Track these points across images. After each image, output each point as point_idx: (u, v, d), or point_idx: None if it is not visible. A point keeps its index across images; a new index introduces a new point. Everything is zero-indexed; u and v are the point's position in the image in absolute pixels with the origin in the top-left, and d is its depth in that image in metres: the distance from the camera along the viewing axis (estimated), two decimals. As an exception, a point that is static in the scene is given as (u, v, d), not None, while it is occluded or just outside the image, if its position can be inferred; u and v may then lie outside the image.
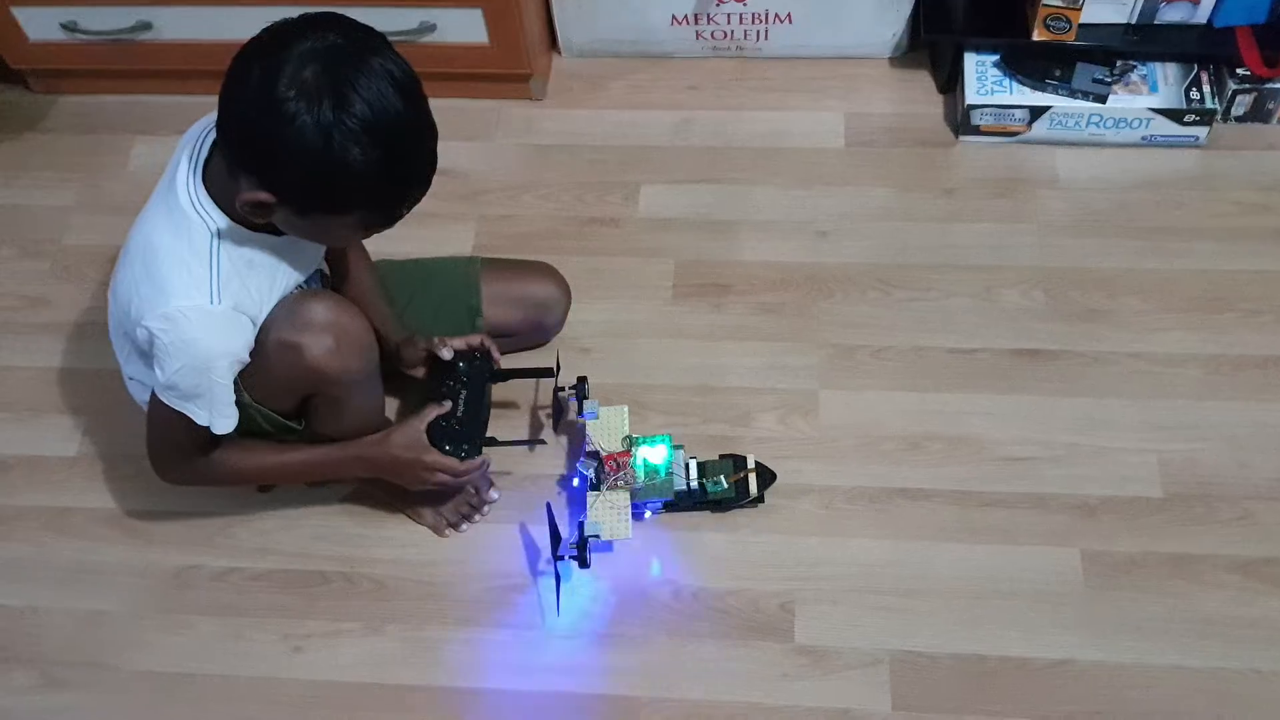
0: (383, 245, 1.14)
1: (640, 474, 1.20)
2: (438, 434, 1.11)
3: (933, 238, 1.42)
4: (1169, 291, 1.35)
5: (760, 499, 1.22)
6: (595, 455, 1.21)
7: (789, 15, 1.51)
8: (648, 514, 1.22)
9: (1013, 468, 1.24)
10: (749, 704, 1.12)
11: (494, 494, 1.24)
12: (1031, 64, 1.44)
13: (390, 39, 0.92)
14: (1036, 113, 1.43)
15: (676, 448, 1.23)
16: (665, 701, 1.13)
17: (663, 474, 1.20)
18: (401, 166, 0.91)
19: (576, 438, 1.28)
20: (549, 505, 1.14)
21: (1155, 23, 1.42)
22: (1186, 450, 1.24)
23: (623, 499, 1.19)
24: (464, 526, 1.23)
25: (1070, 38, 1.41)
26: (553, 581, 1.16)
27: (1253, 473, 1.22)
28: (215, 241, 0.97)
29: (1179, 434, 1.25)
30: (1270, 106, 1.44)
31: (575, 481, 1.23)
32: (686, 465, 1.22)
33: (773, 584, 1.18)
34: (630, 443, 1.21)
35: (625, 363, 1.34)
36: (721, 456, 1.24)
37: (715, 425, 1.29)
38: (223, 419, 1.02)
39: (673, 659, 1.15)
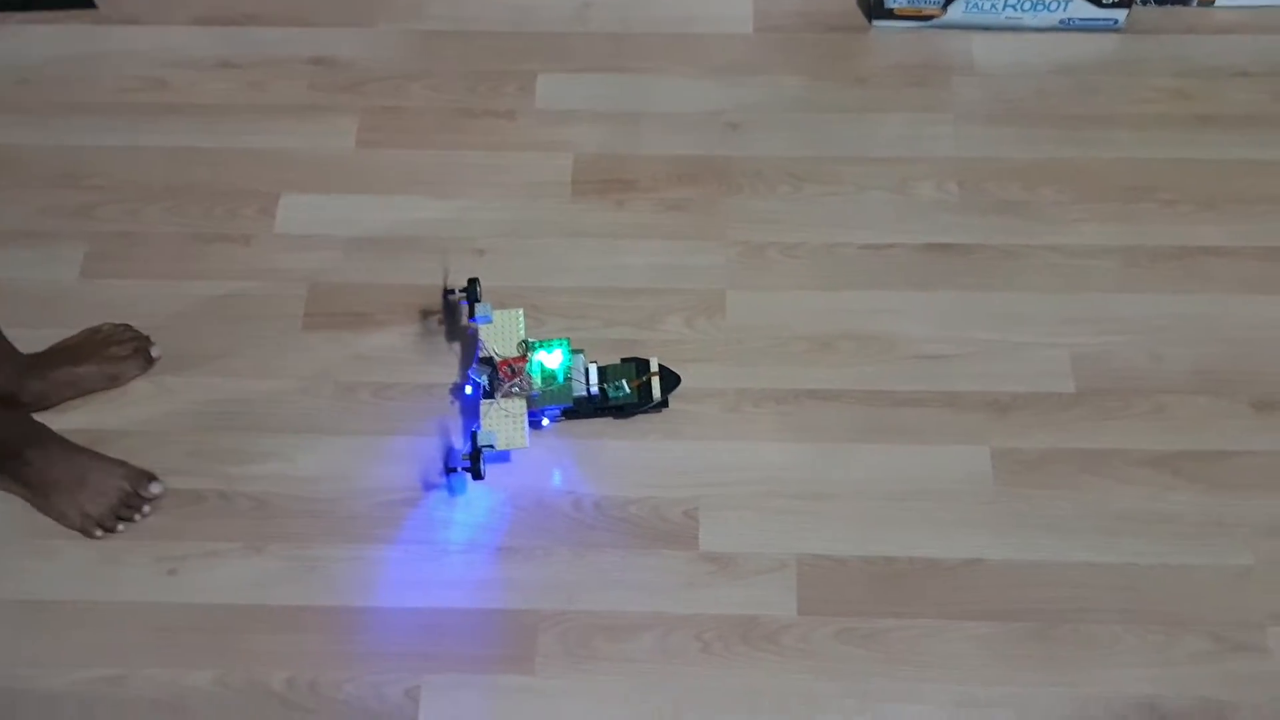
0: (257, 141, 1.04)
1: (537, 380, 1.13)
2: None
3: (845, 129, 1.35)
4: (1086, 182, 1.31)
5: (664, 403, 1.17)
6: (489, 362, 1.14)
7: (694, -109, 1.42)
8: (545, 422, 1.16)
9: (925, 366, 1.20)
10: (653, 614, 1.08)
11: (155, 488, 1.12)
12: (947, -57, 1.37)
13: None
14: (952, -5, 1.37)
15: (576, 352, 1.16)
16: (566, 615, 1.08)
17: (560, 379, 1.14)
18: None
19: (470, 344, 1.21)
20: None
21: (1075, -102, 1.35)
22: (1101, 344, 1.21)
23: (518, 407, 1.13)
24: (121, 527, 1.11)
25: (987, -86, 1.34)
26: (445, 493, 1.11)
27: (1167, 366, 1.19)
28: None
29: (1093, 328, 1.22)
30: (1191, -12, 1.40)
31: (468, 390, 1.17)
32: (586, 370, 1.16)
33: (677, 491, 1.14)
34: (526, 348, 1.15)
35: (522, 264, 1.26)
36: (624, 360, 1.18)
37: (618, 328, 1.22)
38: None
39: (573, 571, 1.10)
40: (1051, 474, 1.14)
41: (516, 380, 1.13)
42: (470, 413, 1.17)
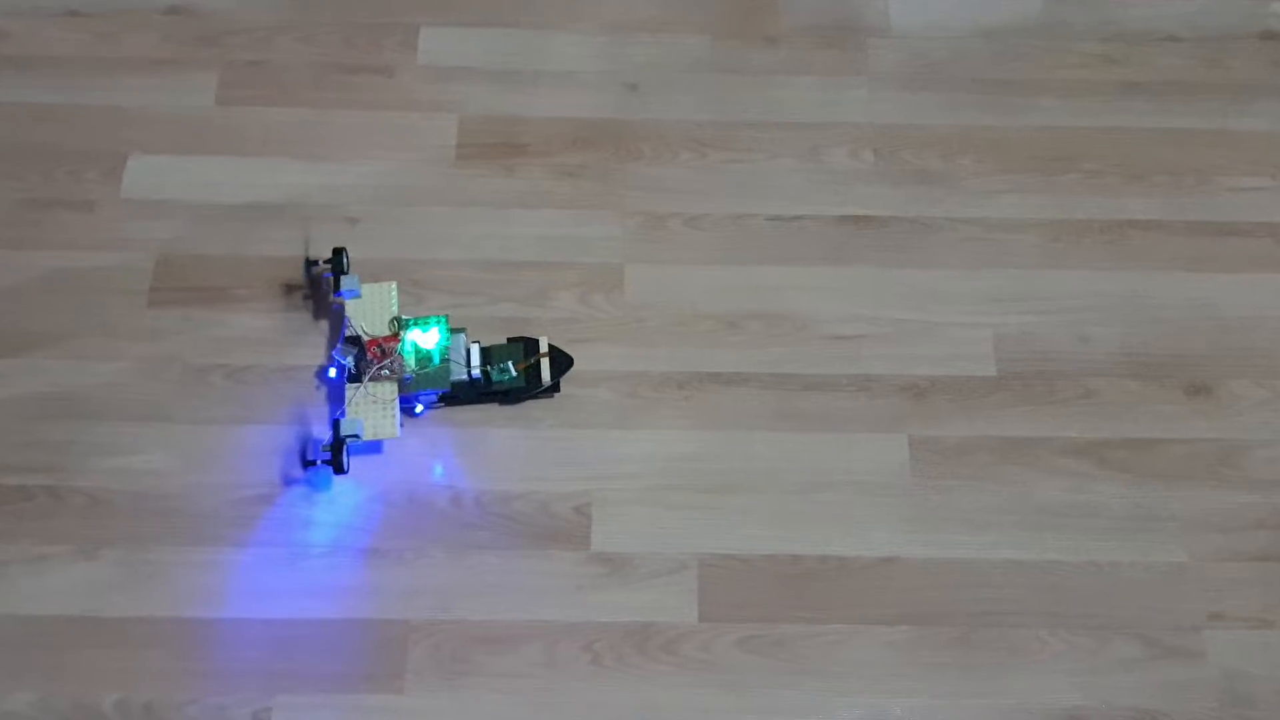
0: (104, 97, 0.91)
1: (410, 361, 1.02)
2: None
3: (754, 92, 1.25)
4: (1008, 151, 1.23)
5: (555, 388, 1.06)
6: (355, 341, 1.03)
7: None
8: (419, 409, 1.04)
9: (837, 347, 1.11)
10: (537, 622, 0.97)
11: None
12: (864, -107, 1.28)
13: None
14: (869, -51, 1.28)
15: (456, 331, 1.05)
16: (440, 625, 0.97)
17: (436, 360, 1.02)
18: None
19: (338, 322, 1.08)
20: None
21: None
22: (1023, 324, 1.12)
23: (388, 391, 1.01)
24: None
25: None
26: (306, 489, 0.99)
27: (1094, 348, 1.11)
28: None
29: (1016, 306, 1.13)
30: (1118, -52, 1.32)
31: (331, 372, 1.05)
32: (468, 351, 1.05)
33: (567, 484, 1.03)
34: (399, 325, 1.03)
35: (399, 235, 1.14)
36: (510, 340, 1.07)
37: (505, 305, 1.11)
38: None
39: (449, 575, 0.99)
40: (972, 464, 1.05)
41: (386, 362, 1.01)
42: (337, 399, 1.05)
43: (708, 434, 1.06)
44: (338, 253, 1.07)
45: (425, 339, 1.03)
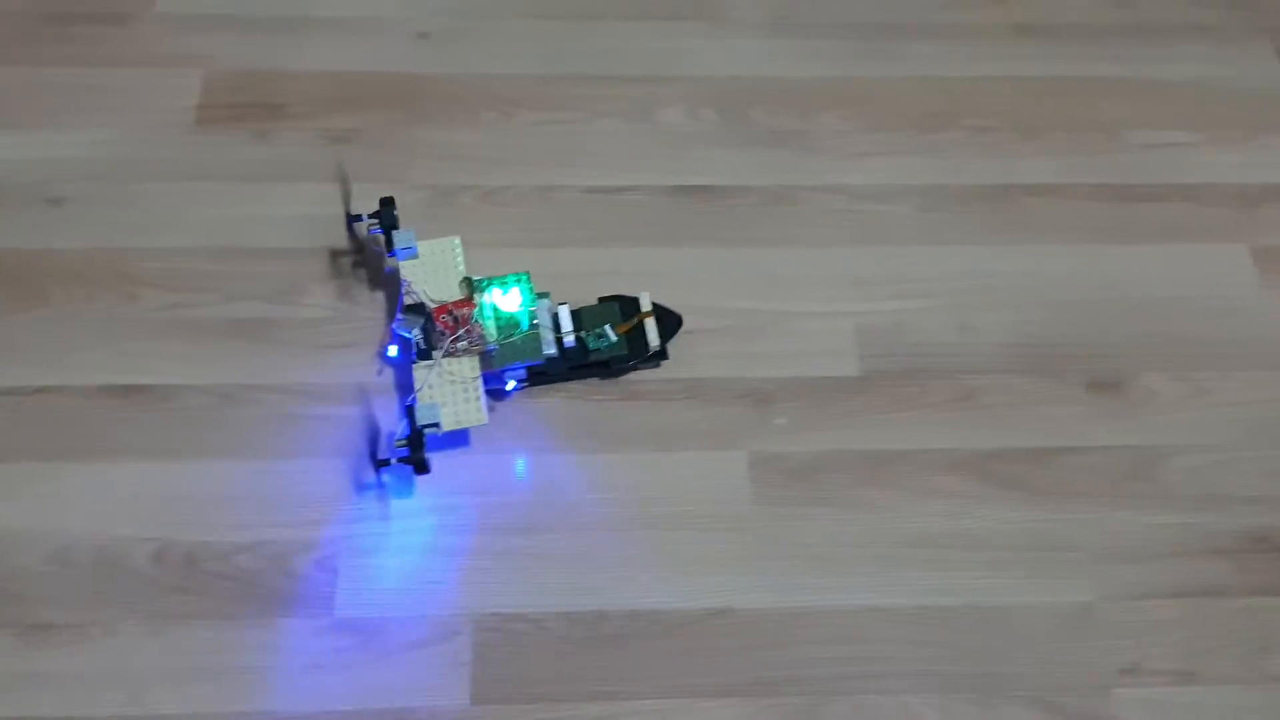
0: None
1: (491, 330, 0.82)
2: None
3: (576, 41, 1.04)
4: (878, 107, 1.02)
5: (663, 353, 0.87)
6: (419, 309, 0.83)
7: None
8: (511, 384, 0.85)
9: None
10: (259, 714, 0.74)
11: None
12: None
13: None
14: None
15: (541, 296, 0.86)
16: (119, 724, 0.74)
17: (525, 325, 0.83)
18: None
19: (392, 288, 0.88)
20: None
21: None
22: (893, 312, 0.92)
23: (469, 368, 0.81)
24: None
25: None
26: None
27: (978, 338, 0.91)
28: None
29: (884, 291, 0.93)
30: None
31: (392, 350, 0.85)
32: (554, 316, 0.86)
33: (309, 530, 0.80)
34: (471, 287, 0.84)
35: (115, 218, 0.92)
36: (602, 300, 0.89)
37: (242, 304, 0.89)
38: None
39: (143, 656, 0.76)
40: (827, 486, 0.84)
41: (462, 332, 0.81)
42: (404, 383, 0.84)
43: (504, 459, 0.84)
44: (386, 203, 0.87)
45: (507, 301, 0.84)
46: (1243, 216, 0.98)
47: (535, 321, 0.84)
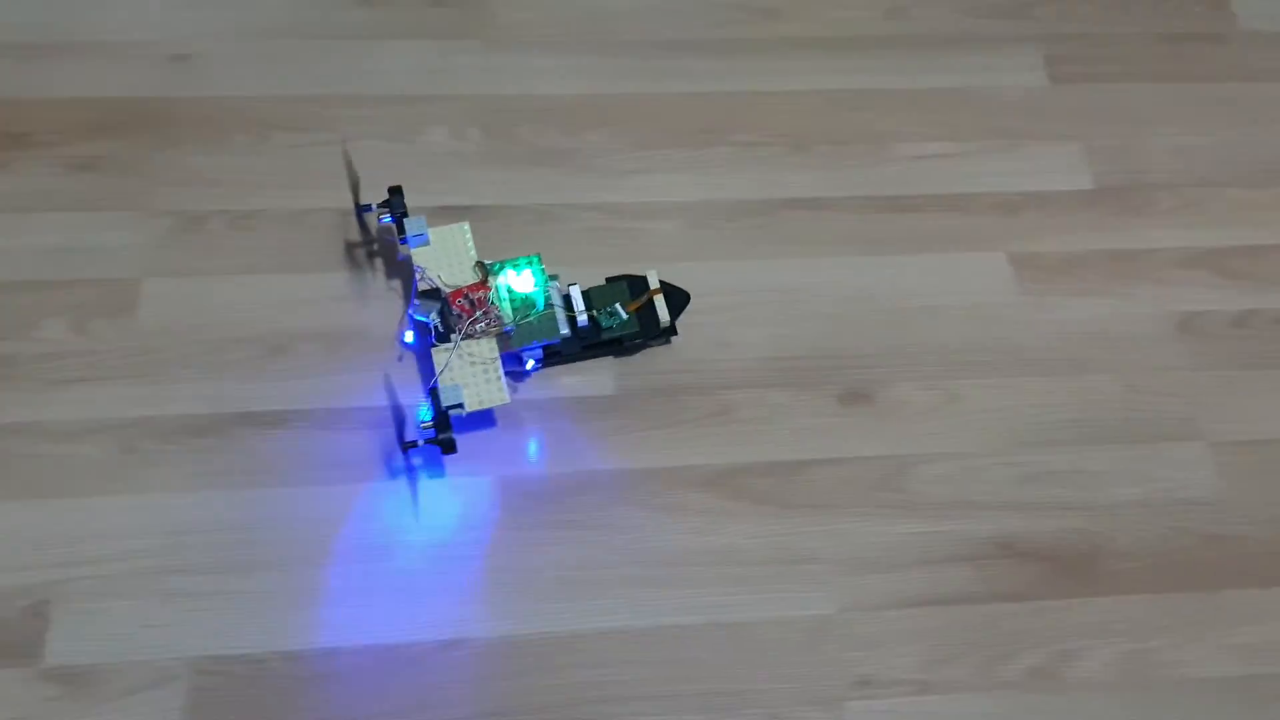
0: None
1: (507, 311, 0.85)
2: None
3: (340, 61, 1.02)
4: (648, 123, 1.02)
5: (673, 330, 0.89)
6: (434, 294, 0.83)
7: None
8: (530, 363, 0.87)
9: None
10: (-40, 770, 0.72)
11: None
12: None
13: None
14: (474, -115, 1.06)
15: (551, 277, 0.88)
16: None
17: (541, 304, 0.86)
18: None
19: (405, 276, 0.88)
20: None
21: None
22: (649, 329, 0.91)
23: (488, 349, 0.83)
24: None
25: None
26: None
27: (736, 353, 0.92)
28: None
29: (640, 308, 0.92)
30: (776, -118, 1.12)
31: (409, 335, 0.87)
32: (565, 296, 0.88)
33: (19, 575, 0.78)
34: (485, 270, 0.86)
35: None
36: (610, 280, 0.90)
37: (-27, 340, 0.86)
38: None
39: None
40: (577, 508, 0.84)
41: (479, 314, 0.82)
42: (424, 368, 0.86)
43: (230, 495, 0.82)
44: (395, 192, 0.89)
45: (521, 282, 0.86)
46: (1003, 224, 1.00)
47: (551, 301, 0.86)
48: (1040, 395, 0.91)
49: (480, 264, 0.87)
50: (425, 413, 0.82)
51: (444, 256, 0.88)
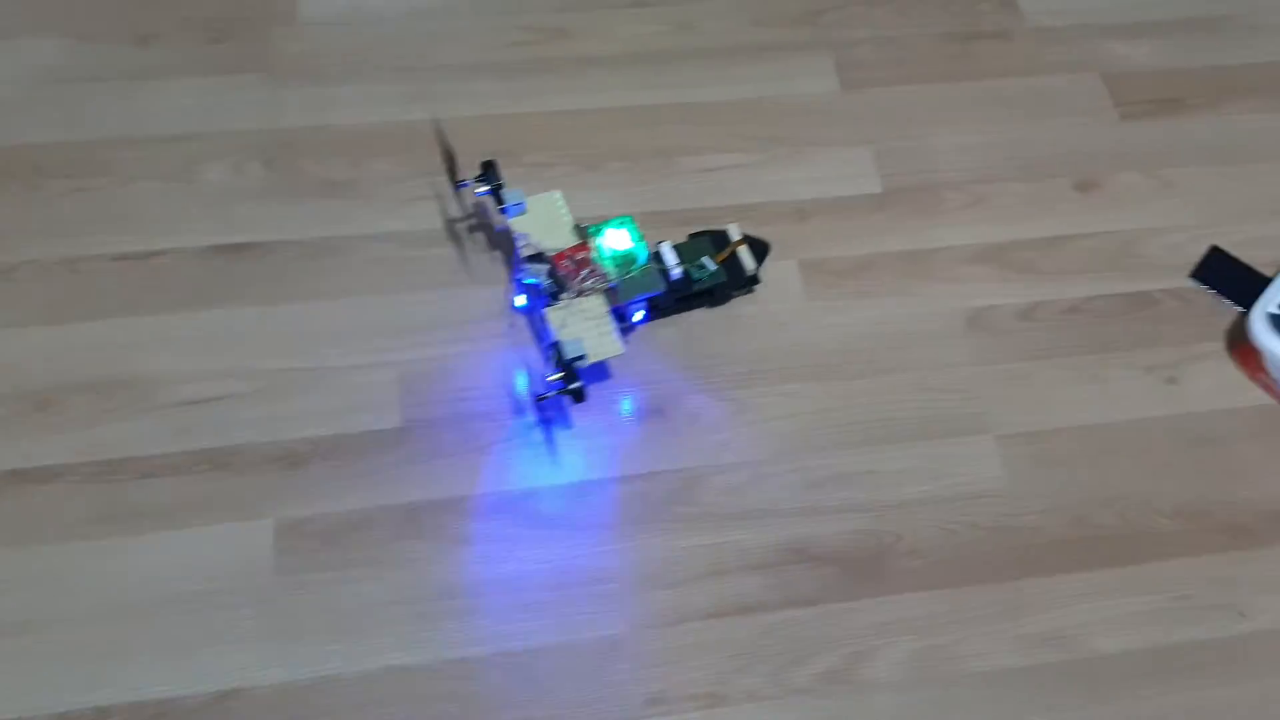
0: None
1: (610, 268, 0.89)
2: None
3: (116, 103, 1.00)
4: (432, 150, 1.01)
5: (756, 279, 0.95)
6: (539, 258, 0.88)
7: None
8: (638, 315, 0.91)
9: (191, 415, 0.86)
10: None
11: None
12: None
13: None
14: (247, -83, 1.05)
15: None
16: None
17: (642, 259, 0.90)
18: None
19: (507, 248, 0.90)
20: None
21: None
22: (439, 358, 0.90)
23: (597, 305, 0.88)
24: None
25: None
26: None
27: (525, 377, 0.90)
28: None
29: (429, 338, 0.91)
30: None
31: (519, 299, 0.91)
32: (657, 253, 0.92)
33: None
34: (583, 233, 0.91)
35: None
36: (692, 236, 0.96)
37: None
38: None
39: None
40: (356, 545, 0.82)
41: (586, 272, 0.88)
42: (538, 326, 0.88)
43: (10, 553, 0.79)
44: (488, 166, 0.92)
45: (620, 240, 0.90)
46: (795, 232, 1.00)
47: (652, 255, 0.90)
48: (831, 399, 0.92)
49: (578, 227, 0.91)
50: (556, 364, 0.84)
51: (542, 223, 0.91)
